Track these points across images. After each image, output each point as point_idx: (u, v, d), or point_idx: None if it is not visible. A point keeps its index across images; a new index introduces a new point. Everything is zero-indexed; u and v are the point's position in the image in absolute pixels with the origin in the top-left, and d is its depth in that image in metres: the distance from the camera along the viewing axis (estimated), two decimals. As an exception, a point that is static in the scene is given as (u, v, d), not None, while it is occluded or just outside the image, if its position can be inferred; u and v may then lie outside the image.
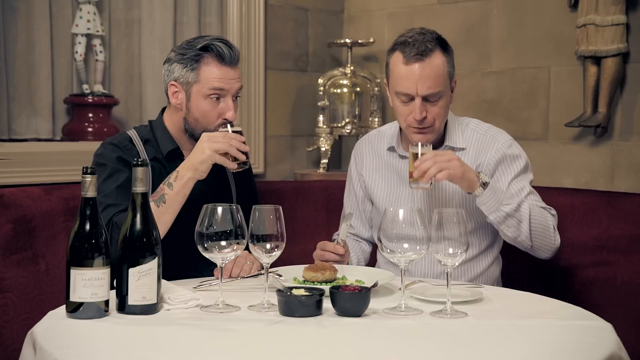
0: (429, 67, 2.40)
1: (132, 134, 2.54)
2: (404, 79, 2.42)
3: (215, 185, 2.57)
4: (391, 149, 2.63)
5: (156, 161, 2.51)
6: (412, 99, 2.42)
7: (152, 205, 2.14)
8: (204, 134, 2.37)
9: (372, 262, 2.75)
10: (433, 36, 2.45)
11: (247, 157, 2.39)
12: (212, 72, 2.45)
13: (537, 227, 2.42)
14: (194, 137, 2.49)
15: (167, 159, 2.52)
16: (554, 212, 2.51)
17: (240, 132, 2.42)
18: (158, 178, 2.47)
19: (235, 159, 2.36)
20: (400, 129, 2.59)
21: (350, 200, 2.77)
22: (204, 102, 2.46)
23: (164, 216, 2.30)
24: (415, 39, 2.42)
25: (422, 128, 2.44)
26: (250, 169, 2.74)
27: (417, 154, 2.30)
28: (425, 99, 2.41)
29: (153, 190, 2.44)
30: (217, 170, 2.60)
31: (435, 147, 2.53)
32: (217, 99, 2.46)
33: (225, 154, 2.34)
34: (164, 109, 2.61)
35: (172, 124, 2.54)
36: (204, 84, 2.45)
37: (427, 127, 2.45)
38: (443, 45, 2.46)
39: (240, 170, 2.39)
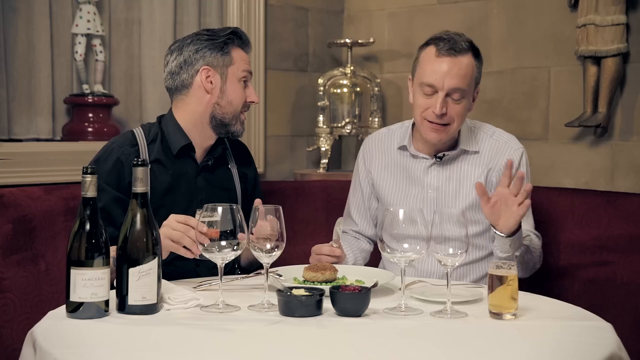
0: (458, 64, 2.45)
1: (138, 132, 2.52)
2: (433, 71, 2.45)
3: (221, 188, 2.57)
4: (402, 147, 2.63)
5: (157, 163, 2.47)
6: (435, 92, 2.44)
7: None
8: (170, 216, 2.17)
9: (374, 259, 2.75)
10: (467, 39, 2.51)
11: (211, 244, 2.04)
12: (241, 56, 2.52)
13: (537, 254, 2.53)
14: (223, 124, 2.50)
15: (177, 156, 2.50)
16: (540, 237, 2.58)
17: (210, 223, 2.05)
18: (160, 180, 2.46)
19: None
20: (413, 128, 2.60)
21: (355, 197, 2.77)
22: (238, 85, 2.50)
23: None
24: (450, 37, 2.48)
25: (438, 124, 2.46)
26: (256, 174, 2.75)
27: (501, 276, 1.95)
28: (448, 95, 2.44)
29: (155, 191, 2.43)
30: (223, 173, 2.60)
31: (448, 149, 2.55)
32: (245, 82, 2.52)
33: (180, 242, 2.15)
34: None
35: (185, 117, 2.52)
36: (238, 66, 2.50)
37: (444, 125, 2.46)
38: (475, 51, 2.51)
39: (200, 259, 2.18)
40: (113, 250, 1.94)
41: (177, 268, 2.37)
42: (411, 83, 2.56)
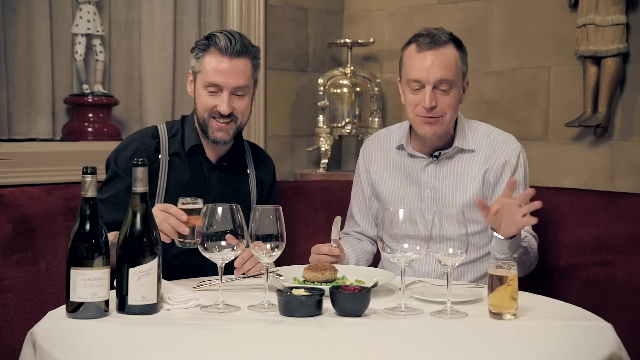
0: (441, 56, 2.46)
1: (161, 127, 2.58)
2: (416, 66, 2.47)
3: (234, 189, 2.60)
4: (400, 147, 2.64)
5: (176, 156, 2.53)
6: (422, 87, 2.45)
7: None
8: (155, 205, 2.21)
9: (377, 260, 2.75)
10: (447, 32, 2.52)
11: (187, 237, 2.16)
12: (210, 63, 2.46)
13: (532, 257, 2.53)
14: (202, 129, 2.52)
15: (188, 154, 2.54)
16: (537, 240, 2.58)
17: (192, 211, 2.17)
18: (177, 173, 2.51)
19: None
20: (411, 127, 2.60)
21: (357, 198, 2.78)
22: (203, 91, 2.48)
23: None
24: (430, 32, 2.50)
25: (431, 118, 2.46)
26: (273, 183, 2.77)
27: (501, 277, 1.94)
28: (435, 87, 2.45)
29: (171, 184, 2.49)
30: (239, 176, 2.62)
31: (444, 148, 2.55)
32: (213, 93, 2.46)
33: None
34: None
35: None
36: (204, 74, 2.47)
37: (437, 118, 2.47)
38: (457, 42, 2.53)
39: (181, 247, 2.20)
40: (112, 235, 1.96)
41: (183, 262, 2.41)
42: (400, 84, 2.58)
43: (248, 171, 2.66)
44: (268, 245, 1.96)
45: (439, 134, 2.51)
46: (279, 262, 2.25)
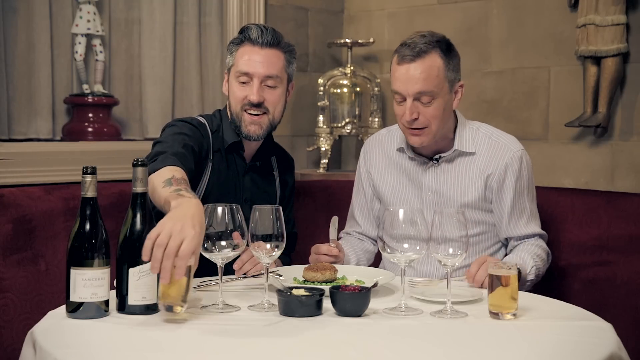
0: (420, 67, 2.41)
1: (206, 123, 2.55)
2: (397, 79, 2.45)
3: (264, 190, 2.64)
4: (401, 149, 2.64)
5: (218, 152, 2.54)
6: (404, 99, 2.44)
7: (159, 181, 2.07)
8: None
9: (378, 261, 2.75)
10: (433, 39, 2.45)
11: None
12: (242, 55, 2.50)
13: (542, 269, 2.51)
14: (235, 125, 2.52)
15: (227, 151, 2.55)
16: (546, 239, 2.59)
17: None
18: (217, 170, 2.51)
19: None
20: None
21: (359, 199, 2.78)
22: (235, 84, 2.51)
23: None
24: (413, 41, 2.44)
25: (416, 129, 2.45)
26: (294, 185, 2.81)
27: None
28: (416, 99, 2.42)
29: (211, 181, 2.49)
30: (267, 177, 2.64)
31: (444, 151, 2.54)
32: (245, 83, 2.49)
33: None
34: None
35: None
36: (235, 66, 2.51)
37: (421, 129, 2.46)
38: (444, 48, 2.46)
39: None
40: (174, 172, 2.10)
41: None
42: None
43: (274, 172, 2.68)
44: (268, 245, 1.96)
45: (427, 144, 2.49)
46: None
